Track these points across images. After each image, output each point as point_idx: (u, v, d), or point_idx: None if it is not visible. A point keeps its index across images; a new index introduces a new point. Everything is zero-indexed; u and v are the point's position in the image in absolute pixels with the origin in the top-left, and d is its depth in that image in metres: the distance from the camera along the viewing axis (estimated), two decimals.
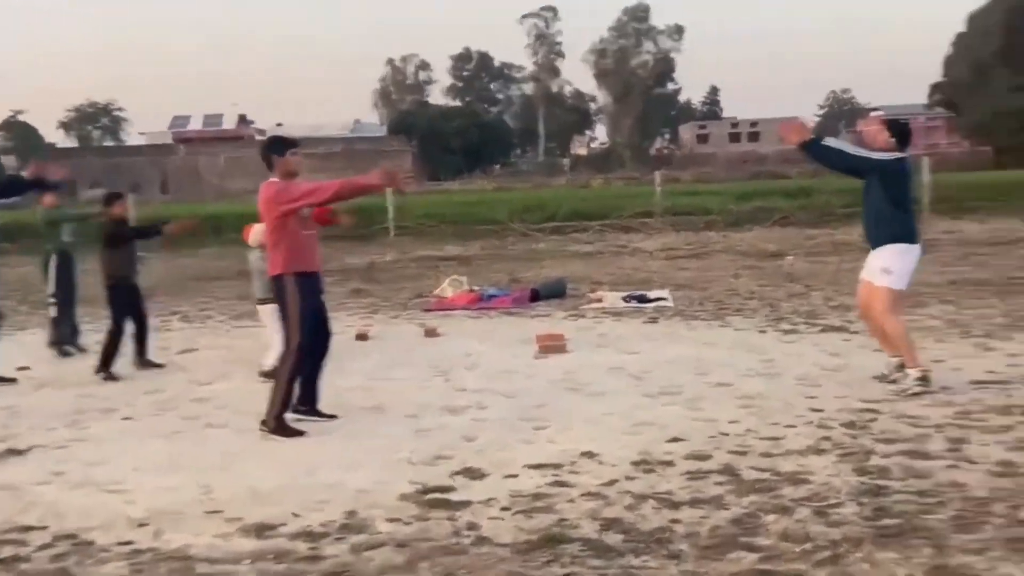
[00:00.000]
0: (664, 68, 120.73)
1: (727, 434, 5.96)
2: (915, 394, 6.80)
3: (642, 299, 12.12)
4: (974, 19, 65.57)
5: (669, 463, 5.43)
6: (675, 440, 5.87)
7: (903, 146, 7.02)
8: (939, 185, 27.70)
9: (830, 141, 6.99)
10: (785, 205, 27.95)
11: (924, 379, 6.89)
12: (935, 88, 73.09)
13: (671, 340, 9.47)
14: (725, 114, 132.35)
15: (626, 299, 12.17)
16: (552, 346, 9.07)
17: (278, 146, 6.53)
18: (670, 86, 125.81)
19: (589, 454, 5.65)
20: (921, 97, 75.63)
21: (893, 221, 6.93)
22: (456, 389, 7.57)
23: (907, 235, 6.95)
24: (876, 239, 7.03)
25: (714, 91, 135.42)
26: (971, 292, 11.85)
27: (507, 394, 7.34)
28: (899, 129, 7.05)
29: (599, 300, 12.34)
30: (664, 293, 12.70)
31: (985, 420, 6.01)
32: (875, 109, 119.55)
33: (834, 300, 11.72)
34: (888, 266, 6.98)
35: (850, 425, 6.06)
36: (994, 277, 13.16)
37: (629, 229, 25.64)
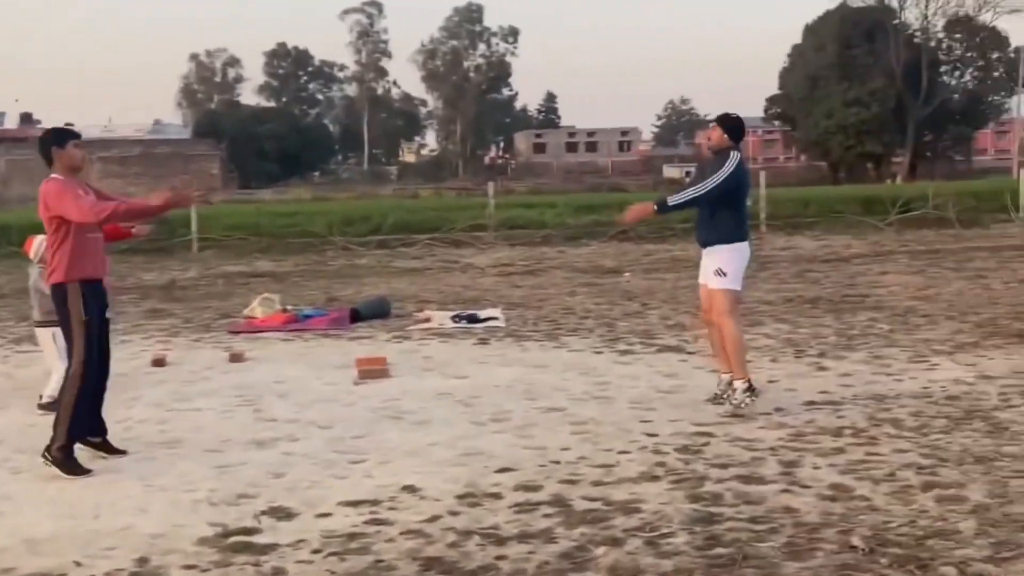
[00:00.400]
0: (499, 72, 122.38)
1: (558, 462, 6.09)
2: (745, 406, 7.14)
3: (472, 319, 12.22)
4: (809, 31, 69.36)
5: (496, 495, 5.50)
6: (503, 471, 5.95)
7: (736, 140, 7.36)
8: (775, 200, 29.12)
9: (673, 198, 7.27)
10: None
11: (750, 389, 7.23)
12: (772, 101, 76.65)
13: (502, 363, 9.59)
14: (563, 123, 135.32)
15: (455, 319, 12.24)
16: (373, 371, 9.04)
17: (57, 137, 6.30)
18: (505, 91, 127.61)
19: (410, 488, 5.66)
20: (759, 110, 79.22)
21: (725, 221, 7.27)
22: (264, 420, 7.44)
23: (737, 234, 7.28)
24: (707, 239, 7.36)
25: (551, 98, 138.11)
26: (806, 310, 12.47)
27: (322, 424, 7.28)
28: (730, 124, 7.38)
29: (426, 320, 12.36)
30: (496, 312, 12.84)
31: (818, 442, 6.34)
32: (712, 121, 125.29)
33: (671, 319, 12.13)
34: (721, 267, 7.31)
35: (684, 450, 6.28)
36: (828, 294, 13.90)
37: (460, 243, 25.83)
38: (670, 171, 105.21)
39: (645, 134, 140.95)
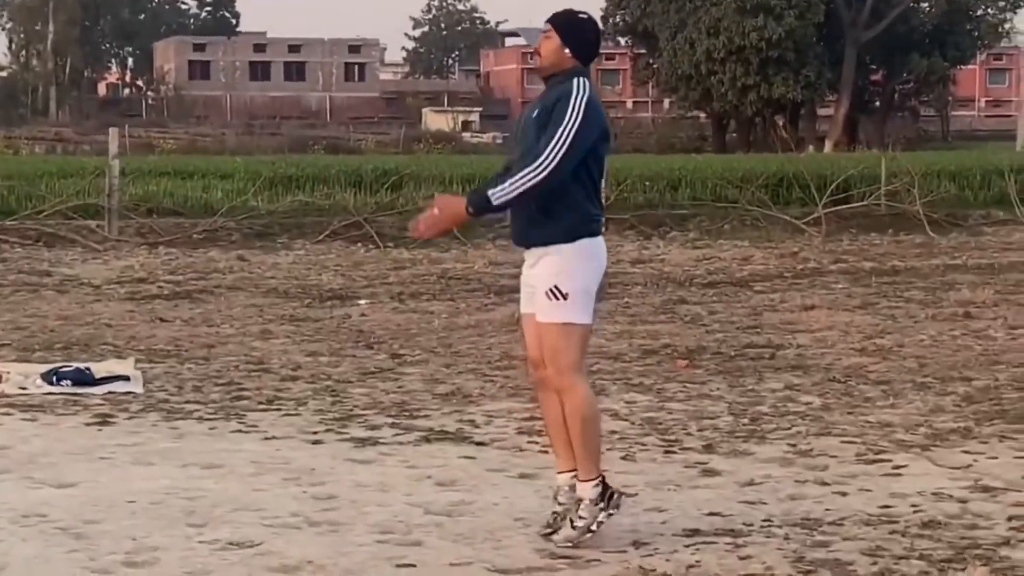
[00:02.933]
0: None
1: None
2: (598, 527, 7.28)
3: (80, 379, 12.06)
4: None
5: None
6: None
7: (585, 57, 7.43)
8: (621, 177, 29.97)
9: (498, 191, 7.05)
10: (355, 203, 28.96)
11: (607, 497, 7.36)
12: (617, 5, 78.63)
13: (137, 459, 9.47)
14: (244, 27, 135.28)
15: (49, 378, 12.06)
16: None
17: None
18: None
19: None
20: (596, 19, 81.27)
21: (564, 200, 7.22)
22: None
23: (586, 224, 7.28)
24: (531, 235, 7.33)
25: None
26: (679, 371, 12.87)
27: None
28: (573, 29, 7.40)
29: None
30: (125, 368, 12.73)
31: None
32: (513, 34, 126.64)
33: (446, 382, 12.27)
34: (559, 284, 7.28)
35: None
36: (715, 343, 14.38)
37: (55, 239, 25.45)
38: (436, 119, 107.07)
39: (391, 52, 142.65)
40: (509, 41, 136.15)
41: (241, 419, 10.78)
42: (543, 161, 7.03)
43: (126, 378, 12.29)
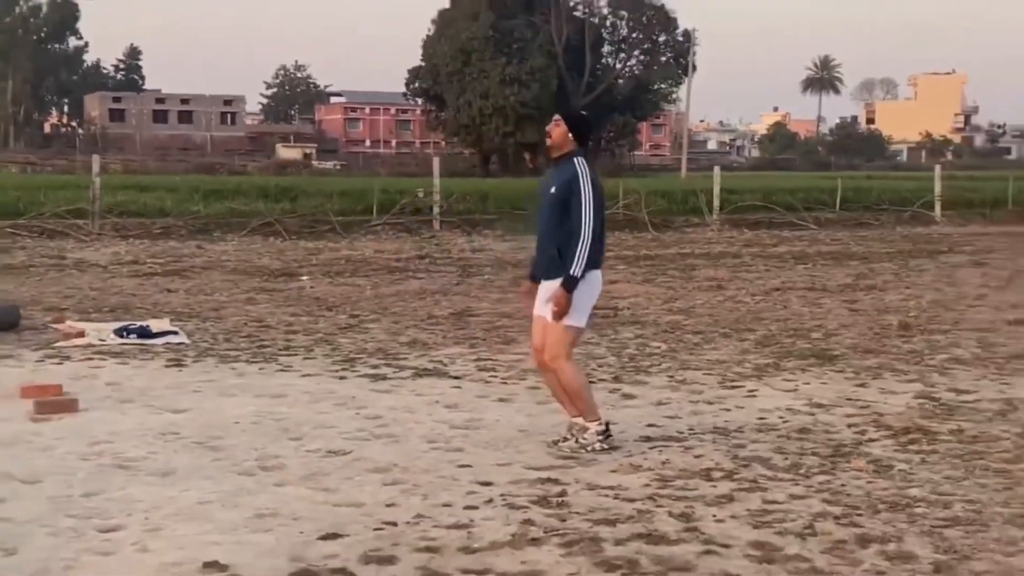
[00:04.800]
0: (64, 15, 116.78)
1: (394, 524, 5.66)
2: (592, 450, 7.03)
3: (144, 333, 11.35)
4: None
5: (342, 571, 5.00)
6: (329, 537, 5.45)
7: (583, 141, 7.24)
8: (449, 192, 29.54)
9: (574, 267, 6.97)
10: (264, 208, 28.14)
11: (606, 434, 7.13)
12: (416, 74, 77.98)
13: (222, 391, 8.94)
14: (149, 85, 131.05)
15: (120, 333, 11.32)
16: (53, 403, 8.12)
17: None
18: (73, 41, 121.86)
19: (217, 567, 5.04)
20: (399, 84, 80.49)
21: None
22: None
23: (593, 258, 7.14)
24: (552, 272, 7.11)
25: (134, 53, 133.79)
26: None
27: (24, 478, 6.39)
28: (577, 120, 7.29)
29: (79, 334, 11.35)
30: (168, 325, 12.03)
31: (695, 488, 6.31)
32: (337, 94, 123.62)
33: (403, 334, 11.85)
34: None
35: (543, 502, 6.04)
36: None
37: (54, 234, 24.23)
38: (287, 152, 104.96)
39: (251, 104, 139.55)
40: (334, 99, 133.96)
41: (276, 361, 10.27)
42: (583, 231, 6.99)
43: (175, 332, 11.64)
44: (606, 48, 74.96)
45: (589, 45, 69.32)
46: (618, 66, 75.29)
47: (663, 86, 75.89)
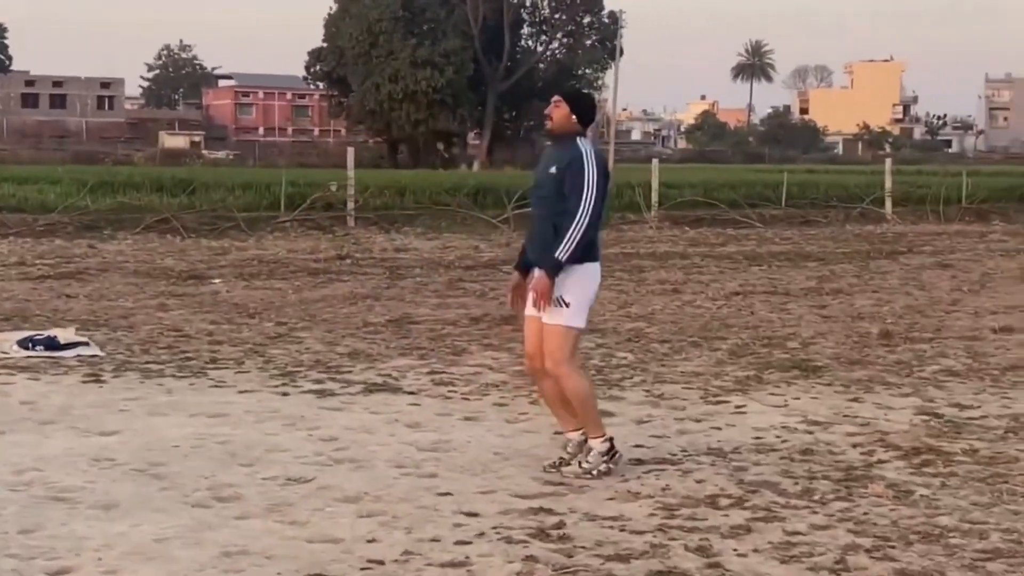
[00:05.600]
0: None
1: (381, 562, 5.49)
2: (597, 473, 6.92)
3: (51, 344, 11.01)
4: None
5: None
6: None
7: (586, 122, 7.14)
8: (364, 184, 29.28)
9: (561, 250, 6.87)
10: (160, 203, 27.69)
11: (612, 452, 7.03)
12: (316, 56, 77.40)
13: (151, 410, 8.68)
14: (16, 67, 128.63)
15: (25, 345, 10.98)
16: None
17: None
18: None
19: None
20: (299, 66, 79.84)
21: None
22: None
23: (591, 251, 7.04)
24: (547, 258, 6.98)
25: None
26: (508, 332, 12.48)
27: None
28: (579, 101, 7.20)
29: None
30: (74, 335, 11.69)
31: (705, 519, 6.21)
32: (226, 77, 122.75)
33: (339, 344, 11.63)
34: (564, 294, 6.98)
35: (541, 535, 5.91)
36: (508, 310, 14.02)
37: None
38: (172, 140, 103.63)
39: (131, 88, 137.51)
40: (223, 83, 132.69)
41: (206, 375, 10.00)
42: (580, 215, 6.86)
43: (86, 343, 11.30)
44: (526, 30, 75.08)
45: (508, 26, 69.29)
46: (539, 49, 75.40)
47: (588, 71, 76.02)
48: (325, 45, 75.07)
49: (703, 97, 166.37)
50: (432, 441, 7.88)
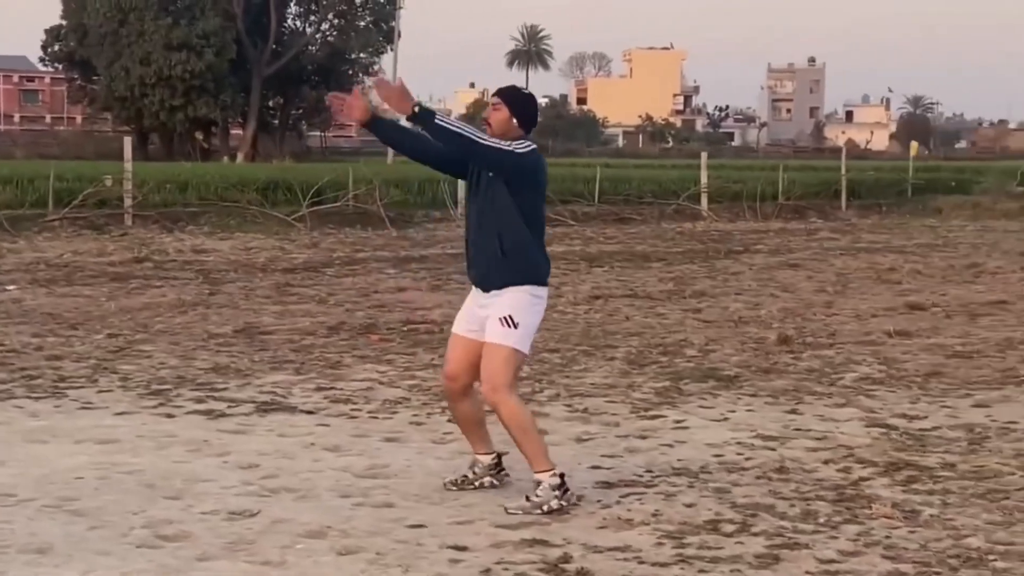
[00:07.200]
0: None
1: None
2: (548, 509, 6.72)
3: None
4: None
5: None
6: None
7: (528, 126, 6.98)
8: (141, 181, 28.53)
9: (441, 118, 6.73)
10: None
11: (563, 488, 6.83)
12: (55, 35, 74.90)
13: (26, 437, 8.22)
14: None
15: None
16: None
17: None
18: None
19: None
20: (35, 46, 77.22)
21: (526, 249, 6.89)
22: None
23: (539, 272, 6.98)
24: (493, 278, 6.83)
25: None
26: (378, 344, 12.25)
27: None
28: (520, 102, 7.00)
29: None
30: None
31: (719, 546, 6.14)
32: None
33: (196, 358, 11.19)
34: (513, 314, 6.81)
35: (557, 570, 5.75)
36: (361, 320, 13.79)
37: None
38: None
39: None
40: None
41: (66, 396, 9.50)
42: (479, 140, 6.71)
43: None
44: (294, 9, 74.05)
45: (274, 5, 68.18)
46: (309, 31, 74.43)
47: (363, 55, 75.31)
48: (65, 23, 72.71)
49: (472, 85, 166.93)
50: (365, 467, 7.61)
